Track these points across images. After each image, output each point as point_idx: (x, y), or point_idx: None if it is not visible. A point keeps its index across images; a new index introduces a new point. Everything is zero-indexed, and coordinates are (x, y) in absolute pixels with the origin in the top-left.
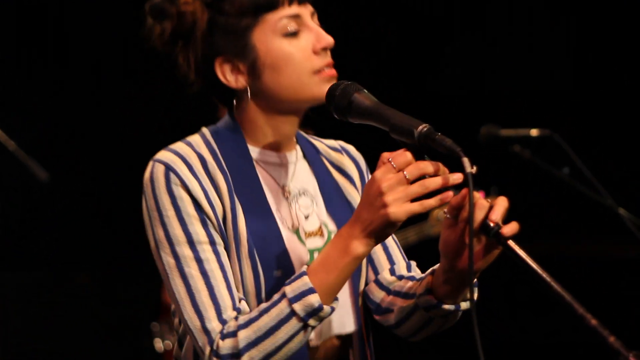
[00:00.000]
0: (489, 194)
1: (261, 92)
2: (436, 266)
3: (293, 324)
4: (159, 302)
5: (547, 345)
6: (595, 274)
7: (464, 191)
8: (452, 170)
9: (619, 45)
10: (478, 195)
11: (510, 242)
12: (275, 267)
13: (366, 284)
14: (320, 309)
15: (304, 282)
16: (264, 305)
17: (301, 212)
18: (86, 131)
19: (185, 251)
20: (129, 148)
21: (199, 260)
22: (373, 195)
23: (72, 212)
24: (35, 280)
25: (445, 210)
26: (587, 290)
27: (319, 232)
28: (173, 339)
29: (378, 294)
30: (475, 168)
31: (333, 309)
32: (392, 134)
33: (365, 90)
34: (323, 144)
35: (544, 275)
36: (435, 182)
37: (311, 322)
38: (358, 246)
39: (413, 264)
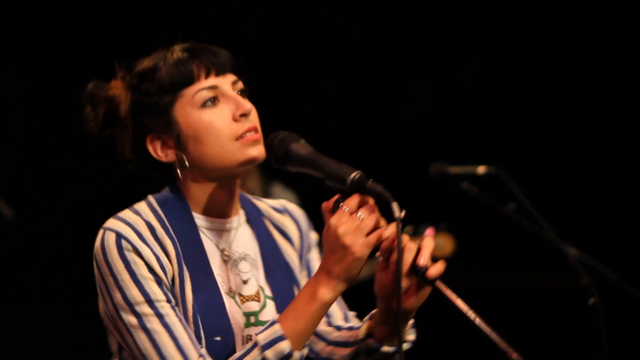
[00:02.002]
0: (439, 229)
1: (190, 164)
2: (374, 311)
3: None
4: None
5: None
6: (539, 305)
7: (393, 235)
8: (385, 211)
9: (564, 81)
10: (407, 239)
11: (438, 282)
12: (216, 332)
13: None
14: (290, 355)
15: (275, 330)
16: (236, 354)
17: (239, 276)
18: (51, 167)
19: (145, 309)
20: (92, 184)
21: (159, 316)
22: (332, 241)
23: (37, 247)
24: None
25: (377, 254)
26: (529, 321)
27: (256, 297)
28: None
29: (317, 345)
30: (403, 213)
31: (302, 356)
32: (327, 181)
33: (303, 140)
34: (267, 205)
35: (469, 312)
36: (378, 217)
37: None
38: (326, 292)
39: (351, 314)
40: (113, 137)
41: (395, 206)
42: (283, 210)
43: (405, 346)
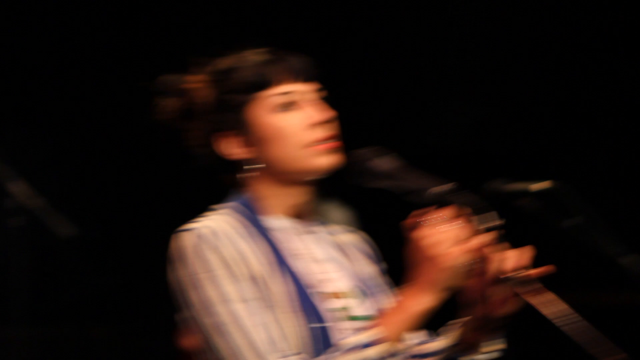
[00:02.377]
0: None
1: (260, 165)
2: (459, 319)
3: None
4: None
5: None
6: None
7: (483, 245)
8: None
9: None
10: (496, 248)
11: (526, 293)
12: (314, 320)
13: None
14: (395, 354)
15: (376, 332)
16: (334, 352)
17: (321, 275)
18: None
19: (238, 306)
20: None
21: (252, 314)
22: (419, 253)
23: (86, 266)
24: (51, 335)
25: (473, 260)
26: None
27: (343, 295)
28: None
29: None
30: (499, 222)
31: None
32: (411, 196)
33: (387, 155)
34: (334, 227)
35: (561, 323)
36: (465, 227)
37: None
38: (417, 303)
39: None
40: (182, 130)
41: (488, 216)
42: (352, 232)
43: (495, 355)
